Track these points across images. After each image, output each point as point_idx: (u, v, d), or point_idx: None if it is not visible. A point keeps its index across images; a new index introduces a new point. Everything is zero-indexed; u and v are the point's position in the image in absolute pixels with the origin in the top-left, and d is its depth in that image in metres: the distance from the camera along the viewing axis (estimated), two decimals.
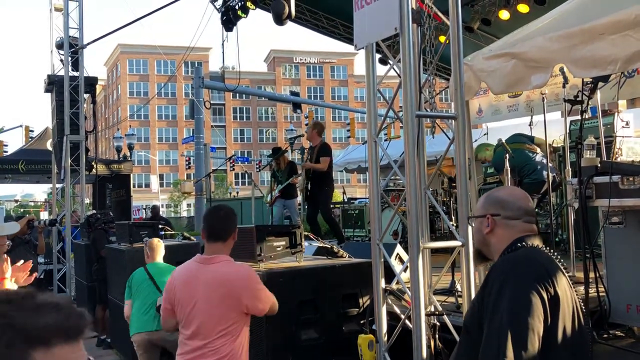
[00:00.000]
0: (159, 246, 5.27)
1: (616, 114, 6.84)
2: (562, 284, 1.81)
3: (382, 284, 3.53)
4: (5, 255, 3.53)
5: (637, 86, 6.92)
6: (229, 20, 9.58)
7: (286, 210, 9.32)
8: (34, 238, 8.69)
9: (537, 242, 2.00)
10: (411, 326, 3.15)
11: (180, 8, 68.01)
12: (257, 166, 39.90)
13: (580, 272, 4.24)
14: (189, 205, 52.43)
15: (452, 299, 4.46)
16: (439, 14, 3.88)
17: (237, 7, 9.41)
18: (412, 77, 3.20)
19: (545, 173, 6.28)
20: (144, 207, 40.00)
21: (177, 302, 2.97)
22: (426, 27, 3.84)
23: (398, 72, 3.36)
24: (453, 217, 5.85)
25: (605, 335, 3.84)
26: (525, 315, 1.70)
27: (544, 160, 6.40)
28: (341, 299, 4.18)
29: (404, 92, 3.20)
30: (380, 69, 5.78)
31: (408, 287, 3.24)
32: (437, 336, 3.39)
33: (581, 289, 4.02)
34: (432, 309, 3.53)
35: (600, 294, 3.90)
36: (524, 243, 1.97)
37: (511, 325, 1.70)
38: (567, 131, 6.13)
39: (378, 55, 5.50)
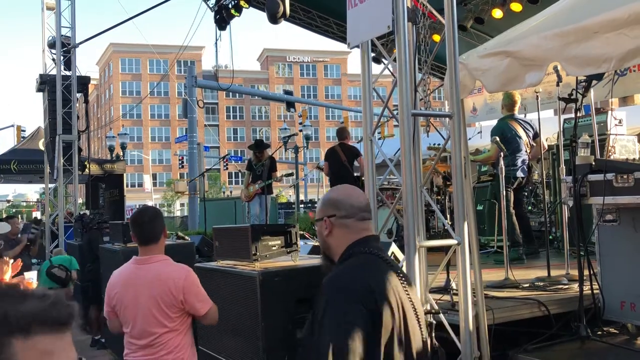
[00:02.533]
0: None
1: (609, 112, 6.87)
2: (390, 300, 1.80)
3: None
4: (6, 258, 3.59)
5: (629, 84, 6.96)
6: (222, 19, 9.55)
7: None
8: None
9: (371, 244, 1.99)
10: None
11: (173, 7, 67.87)
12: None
13: (575, 270, 4.26)
14: (182, 204, 52.30)
15: (447, 297, 4.46)
16: (434, 12, 3.88)
17: (230, 5, 9.38)
18: (408, 76, 3.20)
19: (519, 173, 6.42)
20: (137, 206, 39.92)
21: (118, 304, 3.06)
22: (421, 26, 3.84)
23: (392, 71, 3.36)
24: (448, 216, 5.85)
25: (599, 332, 3.87)
26: (345, 340, 1.70)
27: (525, 163, 6.53)
28: None
29: (400, 90, 3.19)
30: (375, 68, 5.77)
31: None
32: (432, 334, 3.39)
33: (575, 286, 4.04)
34: (428, 307, 3.54)
35: (595, 291, 3.92)
36: (357, 249, 1.96)
37: (333, 354, 1.71)
38: (561, 129, 6.15)
39: (372, 54, 5.49)
